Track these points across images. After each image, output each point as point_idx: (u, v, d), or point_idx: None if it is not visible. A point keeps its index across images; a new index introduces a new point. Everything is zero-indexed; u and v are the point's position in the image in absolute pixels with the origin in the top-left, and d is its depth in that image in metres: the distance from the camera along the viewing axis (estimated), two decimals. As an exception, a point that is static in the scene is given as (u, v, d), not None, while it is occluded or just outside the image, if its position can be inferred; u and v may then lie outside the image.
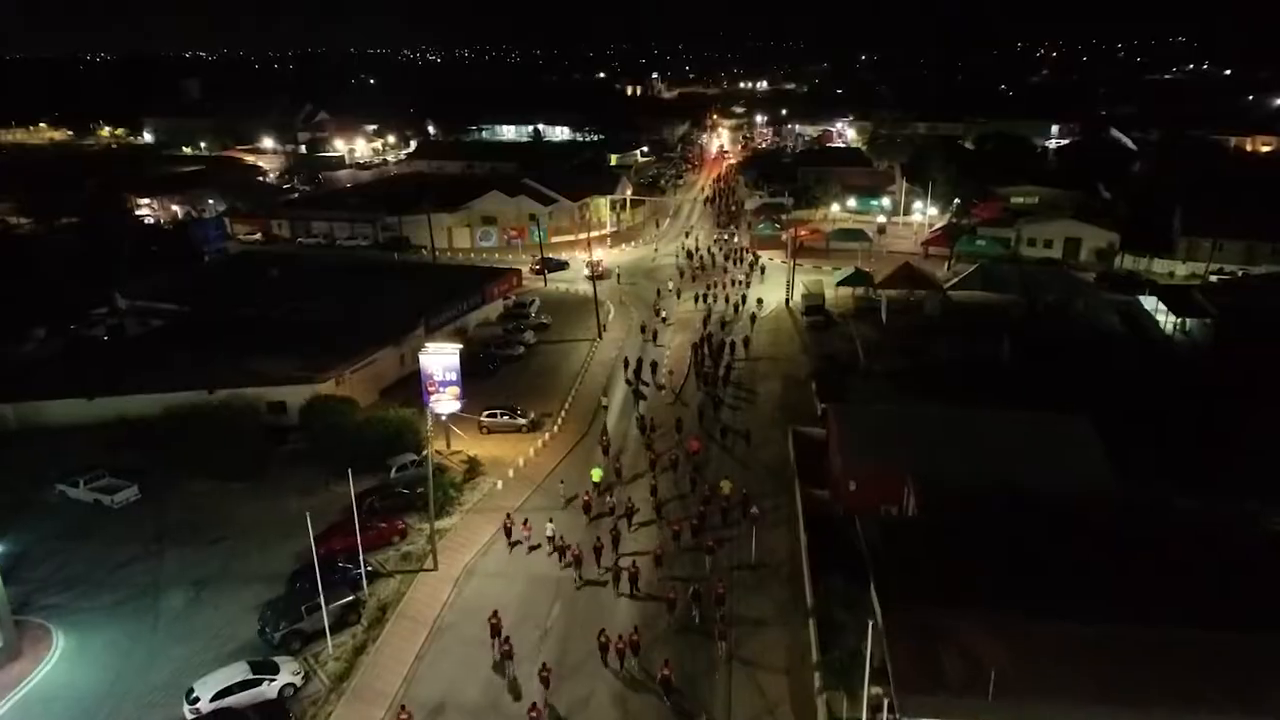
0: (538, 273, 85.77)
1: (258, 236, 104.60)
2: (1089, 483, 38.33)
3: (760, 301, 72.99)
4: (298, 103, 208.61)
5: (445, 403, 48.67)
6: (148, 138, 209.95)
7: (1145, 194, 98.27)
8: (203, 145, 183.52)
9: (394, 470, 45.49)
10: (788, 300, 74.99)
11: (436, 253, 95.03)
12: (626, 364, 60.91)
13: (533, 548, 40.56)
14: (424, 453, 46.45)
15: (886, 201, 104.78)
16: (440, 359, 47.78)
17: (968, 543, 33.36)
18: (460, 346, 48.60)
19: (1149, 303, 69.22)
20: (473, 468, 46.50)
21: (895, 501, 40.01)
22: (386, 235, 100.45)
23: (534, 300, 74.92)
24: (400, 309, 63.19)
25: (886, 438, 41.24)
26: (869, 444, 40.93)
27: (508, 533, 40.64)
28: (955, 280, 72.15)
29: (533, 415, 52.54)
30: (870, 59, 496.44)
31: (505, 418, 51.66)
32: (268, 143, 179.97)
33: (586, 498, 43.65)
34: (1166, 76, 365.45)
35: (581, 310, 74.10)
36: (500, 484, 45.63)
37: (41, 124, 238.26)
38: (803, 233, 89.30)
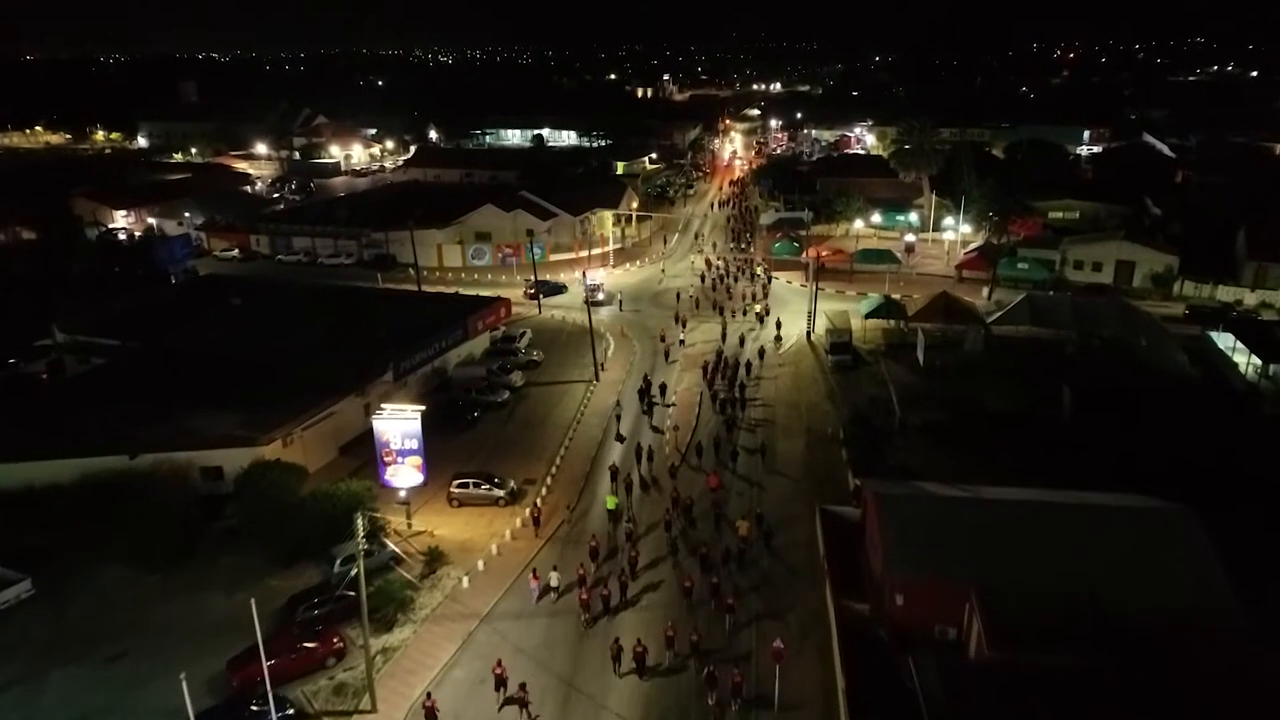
0: (531, 297, 77.89)
1: (235, 253, 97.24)
2: (1203, 602, 30.21)
3: (779, 338, 64.83)
4: (296, 106, 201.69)
5: (405, 474, 41.18)
6: (142, 142, 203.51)
7: (1199, 209, 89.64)
8: (193, 151, 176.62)
9: (338, 563, 37.62)
10: (809, 333, 66.91)
11: (425, 272, 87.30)
12: (646, 381, 57.20)
13: (542, 594, 36.71)
14: (377, 540, 38.90)
15: (914, 217, 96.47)
16: (398, 424, 40.25)
17: (1062, 706, 25.33)
18: (422, 409, 40.88)
19: (1223, 340, 60.73)
20: (433, 559, 38.51)
21: (953, 622, 31.96)
22: (372, 252, 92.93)
23: (524, 332, 67.03)
24: (372, 345, 55.41)
25: (941, 537, 33.15)
26: (920, 546, 32.83)
27: (499, 684, 31.18)
28: (1000, 313, 63.80)
29: (512, 484, 44.61)
30: (885, 60, 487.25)
31: (481, 489, 43.72)
32: (262, 148, 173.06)
33: (594, 542, 39.67)
34: (1191, 78, 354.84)
35: (579, 343, 66.09)
36: (467, 580, 37.67)
37: (38, 127, 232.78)
38: (824, 253, 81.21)
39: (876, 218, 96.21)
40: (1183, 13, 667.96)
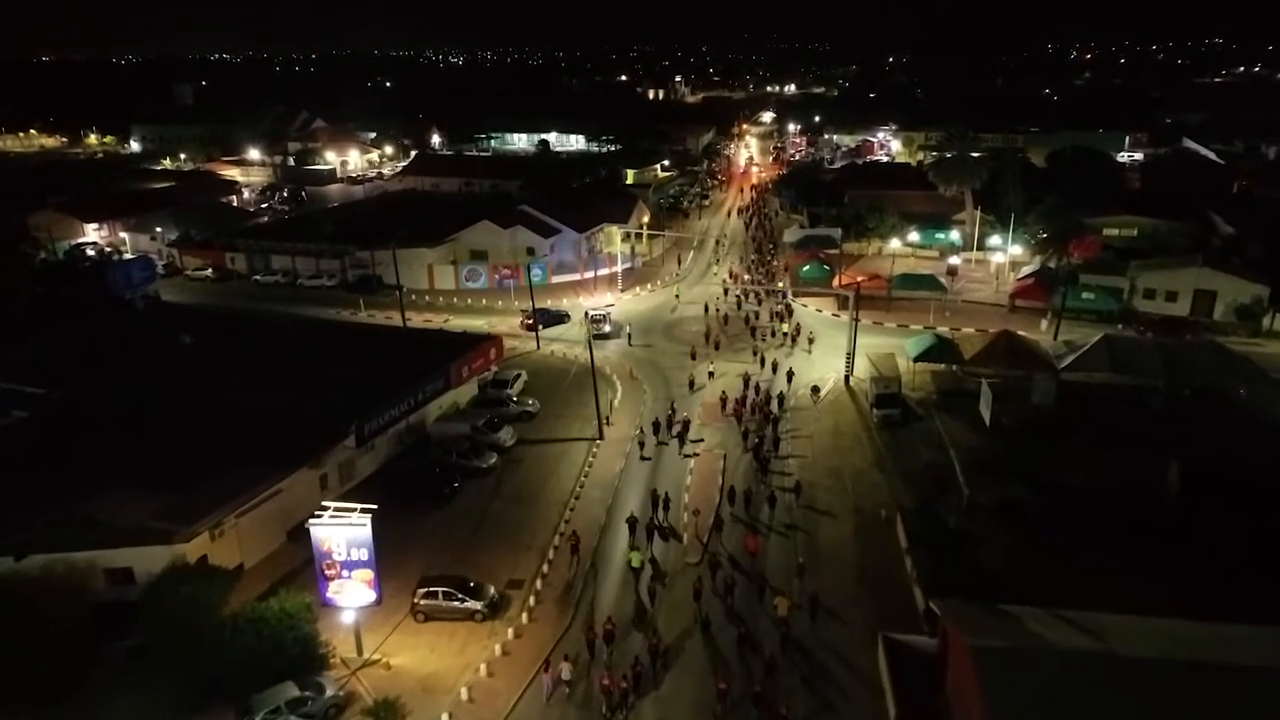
0: (529, 328, 69.05)
1: (209, 273, 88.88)
2: None
3: (816, 390, 55.58)
4: (293, 109, 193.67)
5: (353, 591, 32.40)
6: (135, 146, 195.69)
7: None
8: (182, 156, 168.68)
9: (259, 718, 28.90)
10: (847, 376, 57.89)
11: (413, 296, 78.87)
12: (672, 409, 53.29)
13: (554, 689, 30.94)
14: (313, 683, 30.25)
15: (956, 235, 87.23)
16: (343, 530, 31.42)
17: None
18: (374, 510, 32.03)
19: (1339, 391, 51.39)
20: (379, 717, 29.63)
21: None
22: (356, 273, 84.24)
23: (519, 375, 58.12)
24: (335, 397, 46.70)
25: (1070, 716, 24.13)
26: (1041, 733, 23.81)
27: None
28: (1072, 356, 54.53)
29: (492, 592, 35.75)
30: (899, 61, 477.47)
31: (453, 601, 34.84)
32: (255, 154, 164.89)
33: (610, 625, 33.49)
34: (1217, 80, 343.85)
35: (582, 386, 57.18)
36: (426, 742, 28.93)
37: (32, 130, 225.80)
38: (860, 278, 72.14)
39: (914, 236, 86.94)
40: (1181, 13, 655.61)
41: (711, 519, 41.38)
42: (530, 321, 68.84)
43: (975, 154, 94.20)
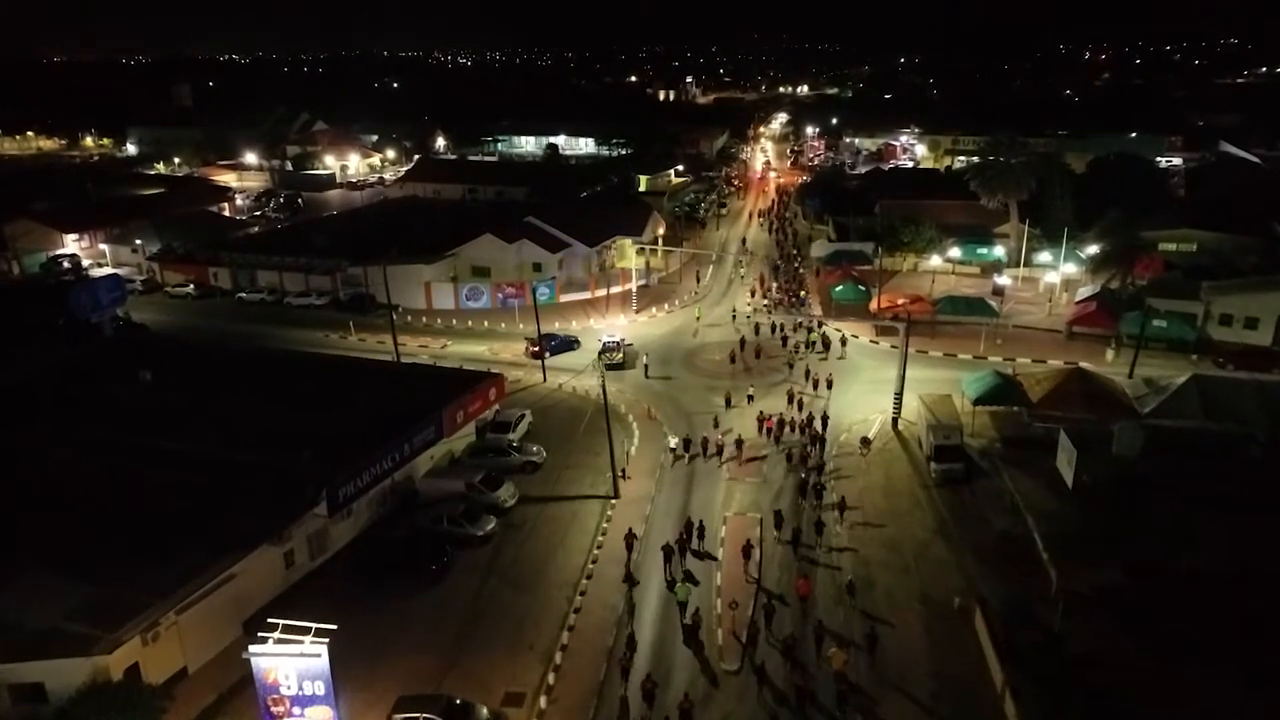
0: (535, 355, 62.23)
1: (190, 289, 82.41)
2: None
3: (866, 441, 48.34)
4: (293, 111, 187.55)
5: (307, 732, 25.59)
6: (131, 150, 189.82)
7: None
8: (176, 161, 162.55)
9: None
10: (895, 419, 50.90)
11: (409, 318, 72.50)
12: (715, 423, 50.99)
13: None
14: None
15: (1000, 250, 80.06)
16: (292, 660, 24.66)
17: None
18: (332, 633, 25.26)
19: None
20: None
21: None
22: (348, 291, 77.59)
23: (523, 415, 51.23)
24: (308, 450, 39.79)
25: None
26: None
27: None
28: (1157, 399, 47.38)
29: (485, 715, 28.94)
30: (911, 61, 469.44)
31: (435, 729, 28.09)
32: (252, 158, 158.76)
33: (650, 684, 29.88)
34: (1239, 80, 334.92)
35: (593, 429, 49.91)
36: None
37: (30, 132, 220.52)
38: (901, 301, 65.25)
39: (955, 251, 79.78)
40: (1191, 13, 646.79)
41: (750, 611, 34.41)
42: (536, 349, 61.99)
43: (1014, 160, 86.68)
